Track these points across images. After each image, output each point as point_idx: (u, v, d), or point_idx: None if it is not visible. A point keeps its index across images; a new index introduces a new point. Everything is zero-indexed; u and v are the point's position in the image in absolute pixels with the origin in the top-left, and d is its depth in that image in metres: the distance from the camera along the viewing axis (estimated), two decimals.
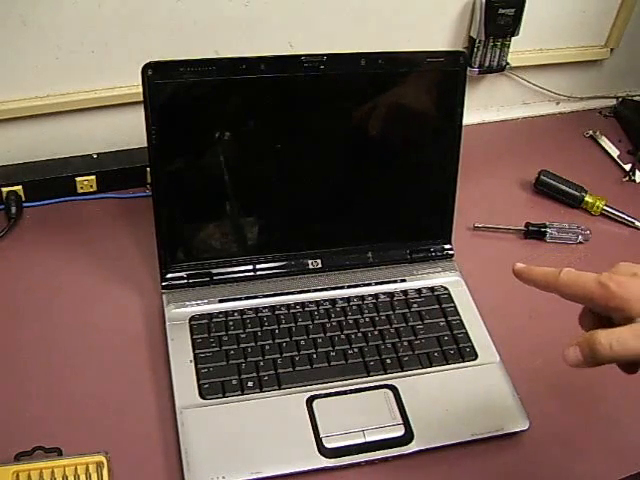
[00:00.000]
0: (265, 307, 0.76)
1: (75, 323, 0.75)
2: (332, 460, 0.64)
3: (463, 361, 0.74)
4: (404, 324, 0.76)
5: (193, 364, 0.70)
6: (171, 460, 0.64)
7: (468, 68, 0.91)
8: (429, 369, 0.73)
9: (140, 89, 0.69)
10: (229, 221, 0.79)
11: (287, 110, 0.75)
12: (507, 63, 1.05)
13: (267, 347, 0.72)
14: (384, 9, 0.96)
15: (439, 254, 0.84)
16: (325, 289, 0.79)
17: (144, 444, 0.65)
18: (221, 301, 0.76)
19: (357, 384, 0.70)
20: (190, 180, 0.75)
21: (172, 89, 0.70)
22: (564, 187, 0.97)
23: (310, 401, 0.68)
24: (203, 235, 0.78)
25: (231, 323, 0.74)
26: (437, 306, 0.79)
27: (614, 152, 1.07)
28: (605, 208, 0.96)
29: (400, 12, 0.97)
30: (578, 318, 0.55)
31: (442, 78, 0.77)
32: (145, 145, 0.71)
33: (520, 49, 1.06)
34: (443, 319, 0.77)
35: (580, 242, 0.92)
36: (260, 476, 0.62)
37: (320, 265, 0.80)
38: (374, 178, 0.81)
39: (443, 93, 0.79)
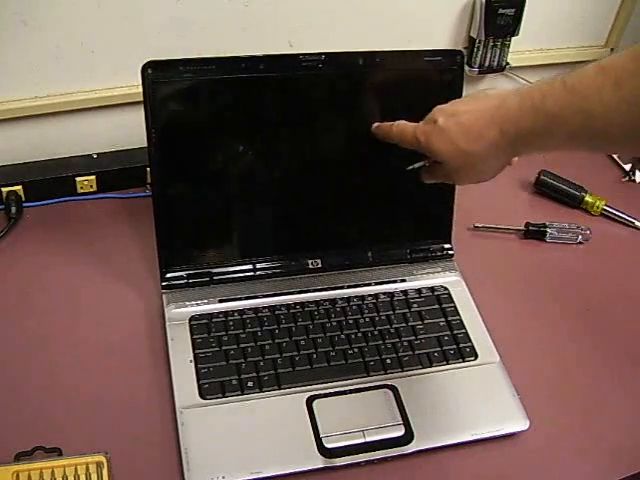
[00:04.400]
0: (265, 307, 0.76)
1: (75, 323, 0.75)
2: (332, 460, 0.64)
3: (463, 361, 0.74)
4: (404, 324, 0.76)
5: (193, 364, 0.70)
6: (171, 460, 0.63)
7: (468, 68, 0.91)
8: (429, 369, 0.73)
9: (140, 89, 0.69)
10: (229, 221, 0.79)
11: (287, 109, 0.75)
12: (507, 63, 1.05)
13: (267, 347, 0.72)
14: (384, 9, 0.96)
15: (439, 254, 0.84)
16: (325, 289, 0.79)
17: (144, 444, 0.65)
18: (221, 301, 0.76)
19: (357, 384, 0.70)
20: (190, 180, 0.75)
21: (172, 89, 0.70)
22: (564, 187, 0.97)
23: (310, 401, 0.68)
24: (203, 235, 0.78)
25: (231, 323, 0.74)
26: (437, 306, 0.79)
27: None
28: (605, 208, 0.96)
29: (400, 12, 0.97)
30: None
31: (440, 77, 0.77)
32: (145, 145, 0.71)
33: (520, 49, 1.06)
34: (443, 319, 0.77)
35: (580, 242, 0.92)
36: (260, 476, 0.62)
37: (320, 265, 0.80)
38: (374, 177, 0.81)
39: (441, 92, 0.78)
